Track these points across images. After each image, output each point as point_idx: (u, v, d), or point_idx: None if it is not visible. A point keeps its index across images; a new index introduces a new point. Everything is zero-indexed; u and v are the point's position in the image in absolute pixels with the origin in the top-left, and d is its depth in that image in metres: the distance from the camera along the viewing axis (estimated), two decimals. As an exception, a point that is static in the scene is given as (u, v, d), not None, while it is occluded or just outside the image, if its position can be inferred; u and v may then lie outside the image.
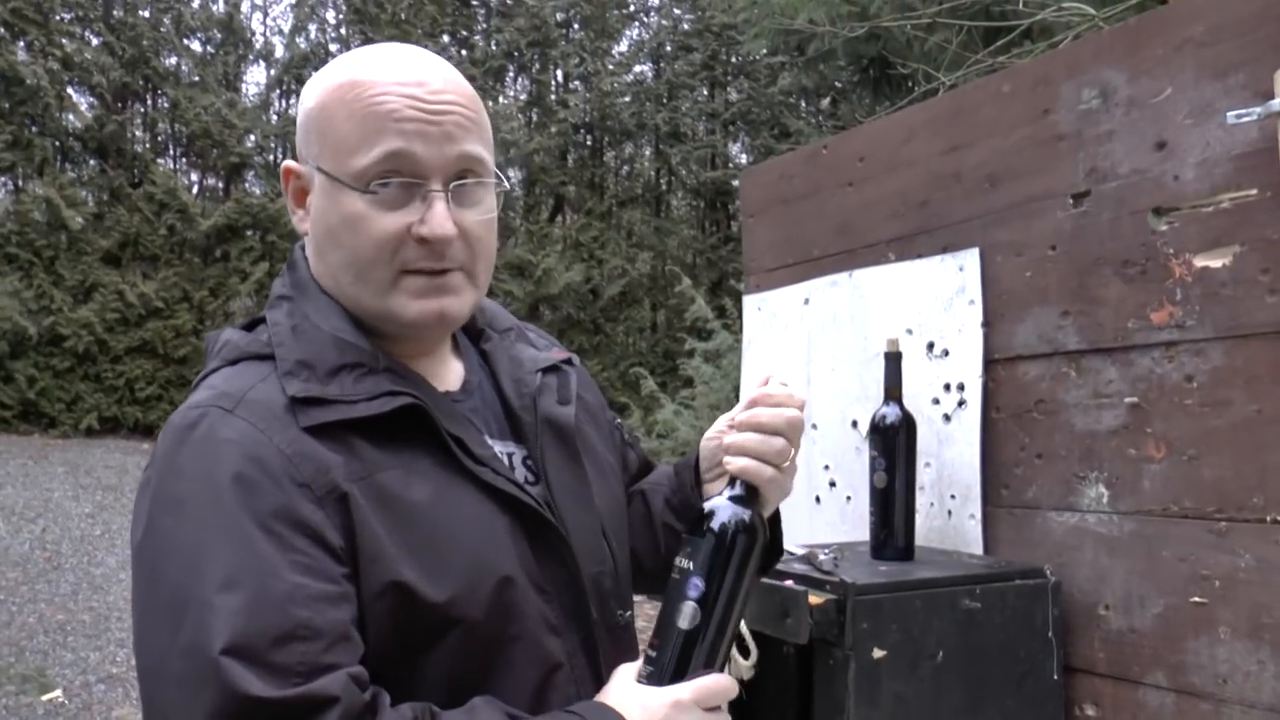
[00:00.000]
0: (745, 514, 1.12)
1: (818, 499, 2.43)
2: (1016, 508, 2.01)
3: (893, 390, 2.01)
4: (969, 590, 1.84)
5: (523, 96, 13.88)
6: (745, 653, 1.89)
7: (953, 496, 2.10)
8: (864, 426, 2.32)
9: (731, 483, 1.16)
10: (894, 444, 1.99)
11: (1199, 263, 1.71)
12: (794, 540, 1.88)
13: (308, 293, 1.14)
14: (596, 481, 1.26)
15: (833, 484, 2.40)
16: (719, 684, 1.09)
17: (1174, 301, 1.75)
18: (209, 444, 1.01)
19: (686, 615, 1.09)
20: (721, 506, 1.12)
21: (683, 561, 1.11)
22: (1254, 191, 1.65)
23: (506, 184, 1.20)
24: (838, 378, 2.39)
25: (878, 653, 1.77)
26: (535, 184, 13.37)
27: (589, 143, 14.13)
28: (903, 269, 2.24)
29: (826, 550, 1.94)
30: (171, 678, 0.94)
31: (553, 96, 13.69)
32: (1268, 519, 1.63)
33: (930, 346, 2.16)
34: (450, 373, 1.22)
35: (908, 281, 2.22)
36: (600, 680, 1.14)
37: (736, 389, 4.49)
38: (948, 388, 2.12)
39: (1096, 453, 1.87)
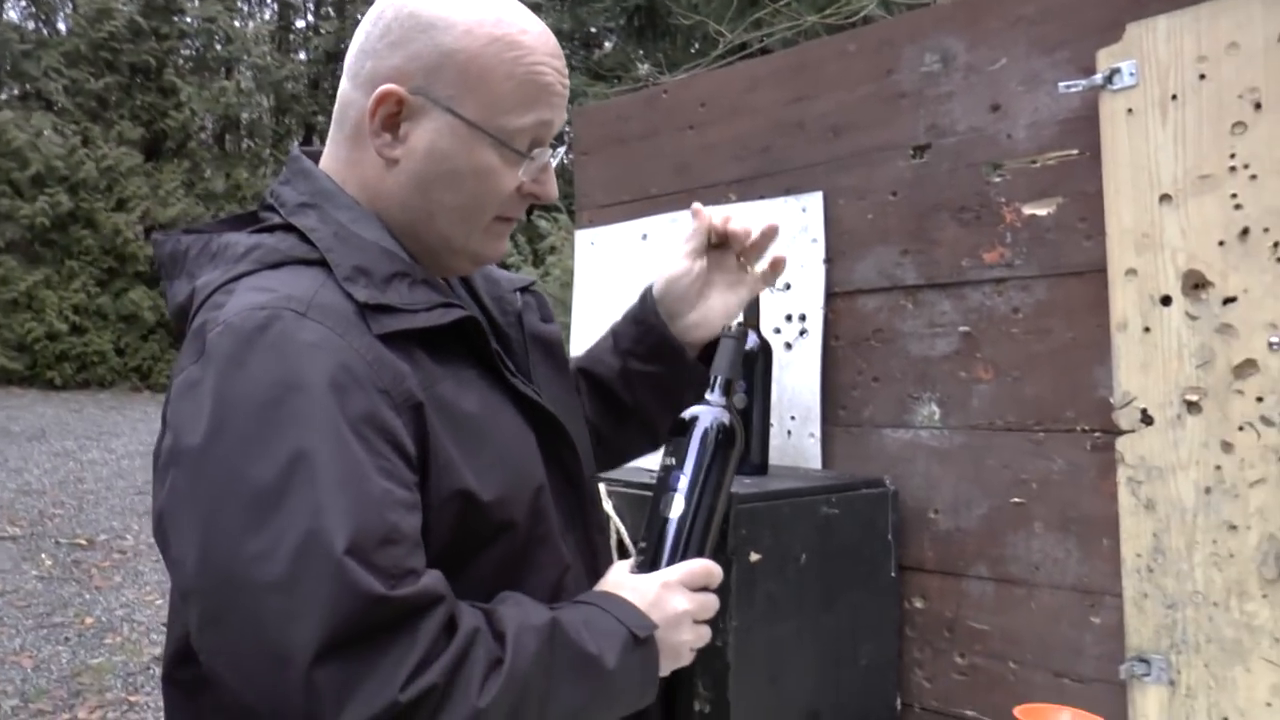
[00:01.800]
0: (726, 416, 1.24)
1: (653, 423, 2.59)
2: (853, 426, 2.26)
3: (751, 319, 2.19)
4: (826, 499, 2.06)
5: (273, 21, 13.13)
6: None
7: (793, 417, 2.32)
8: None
9: (711, 389, 1.28)
10: (753, 368, 2.17)
11: (1027, 211, 1.99)
12: (644, 462, 2.02)
13: (336, 200, 1.16)
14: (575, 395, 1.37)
15: (669, 409, 2.57)
16: (705, 567, 1.20)
17: (1004, 244, 2.02)
18: (289, 346, 1.01)
19: (671, 506, 1.20)
20: (704, 410, 1.25)
21: (668, 460, 1.22)
22: (1075, 151, 1.93)
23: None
24: (678, 309, 2.55)
25: (754, 556, 1.95)
26: (286, 112, 12.71)
27: (340, 74, 13.58)
28: (745, 209, 2.42)
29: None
30: (271, 582, 0.94)
31: (303, 24, 13.04)
32: (1078, 429, 1.93)
33: (772, 281, 2.36)
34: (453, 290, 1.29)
35: (750, 220, 2.41)
36: (596, 577, 1.24)
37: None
38: (789, 318, 2.33)
39: (930, 376, 2.13)
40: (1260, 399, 1.69)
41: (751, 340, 2.19)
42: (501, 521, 1.12)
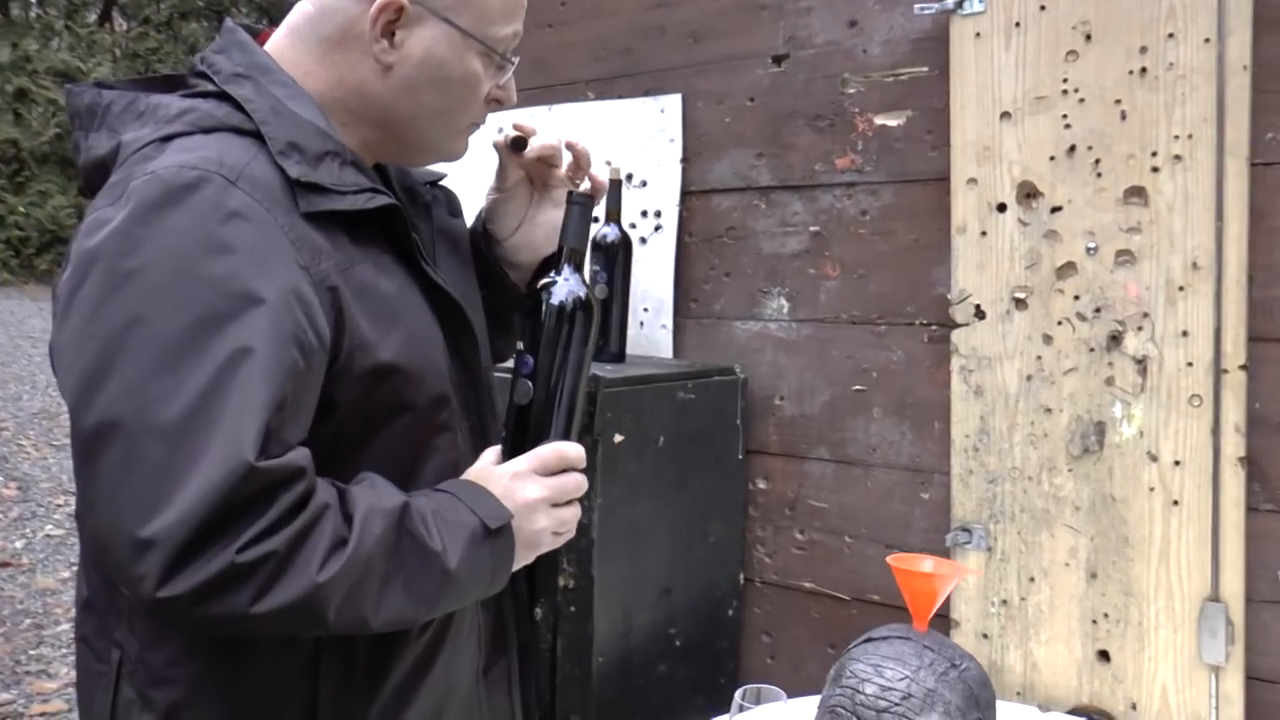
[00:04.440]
0: (579, 289, 1.21)
1: (505, 315, 2.66)
2: (704, 318, 2.39)
3: (613, 212, 2.28)
4: (683, 384, 2.20)
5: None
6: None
7: (646, 309, 2.44)
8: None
9: (559, 263, 1.23)
10: (614, 260, 2.27)
11: (878, 121, 2.15)
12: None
13: (274, 76, 1.18)
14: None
15: (521, 301, 2.64)
16: (556, 451, 1.20)
17: (855, 151, 2.18)
18: (214, 211, 1.03)
19: (520, 391, 1.19)
20: (558, 285, 1.21)
21: (518, 343, 1.22)
22: (925, 69, 2.09)
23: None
24: (533, 204, 2.61)
25: (618, 438, 2.07)
26: None
27: None
28: (604, 106, 2.50)
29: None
30: (159, 427, 0.96)
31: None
32: (916, 323, 2.13)
33: (629, 177, 2.45)
34: None
35: (609, 118, 2.49)
36: None
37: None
38: (645, 214, 2.43)
39: (780, 272, 2.28)
40: (1077, 297, 1.91)
41: (613, 232, 2.28)
42: (405, 401, 1.16)
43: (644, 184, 2.43)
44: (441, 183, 1.44)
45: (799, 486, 2.28)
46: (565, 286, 1.21)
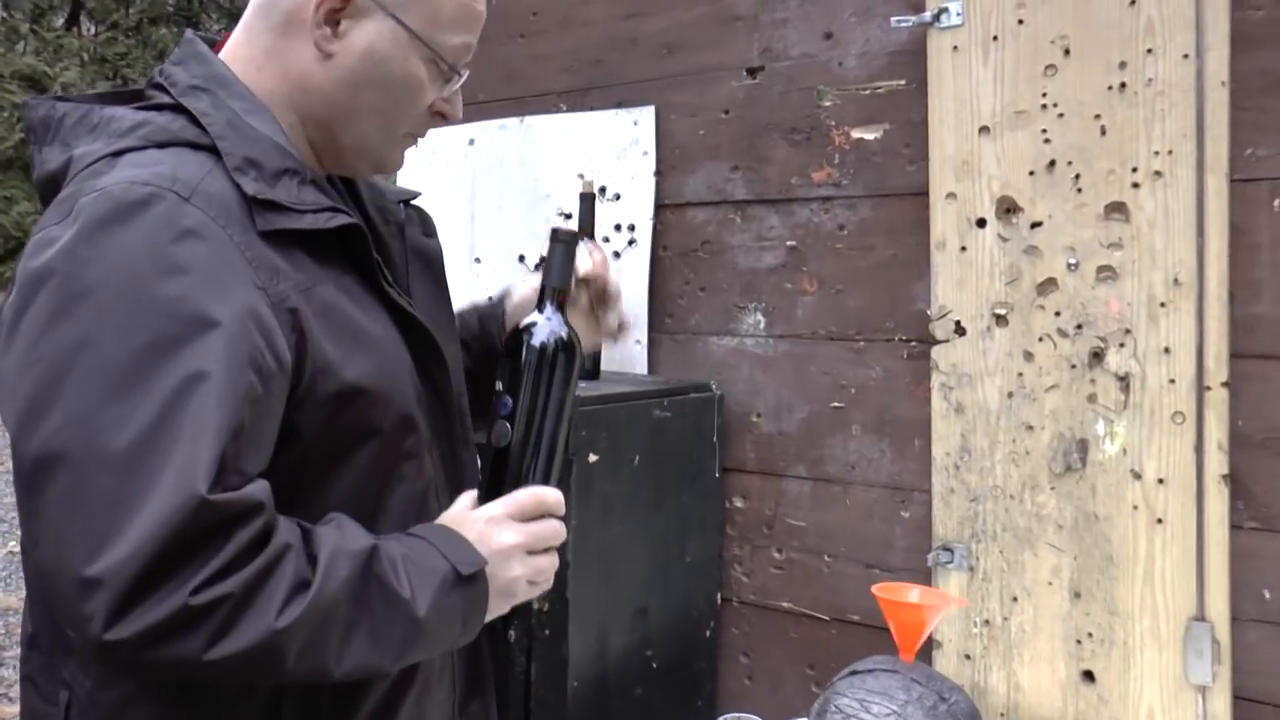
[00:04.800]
0: (561, 329, 1.17)
1: (476, 330, 2.61)
2: (679, 334, 2.36)
3: (586, 228, 2.24)
4: (659, 402, 2.16)
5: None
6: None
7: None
8: (531, 261, 2.53)
9: (541, 303, 1.19)
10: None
11: (855, 134, 2.12)
12: None
13: (232, 89, 1.14)
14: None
15: (493, 316, 2.59)
16: (534, 496, 1.15)
17: (832, 164, 2.15)
18: (166, 229, 0.98)
19: (497, 433, 1.14)
20: (535, 326, 1.17)
21: (498, 383, 1.17)
22: (902, 82, 2.07)
23: None
24: (504, 216, 2.57)
25: (593, 457, 2.03)
26: None
27: None
28: (576, 119, 2.46)
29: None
30: (109, 457, 0.91)
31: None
32: (895, 339, 2.10)
33: (602, 191, 2.41)
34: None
35: (581, 131, 2.45)
36: (458, 491, 1.23)
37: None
38: (618, 228, 2.39)
39: (756, 287, 2.25)
40: (1058, 313, 1.89)
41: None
42: (371, 426, 1.11)
43: (617, 197, 2.40)
44: (415, 202, 1.40)
45: (777, 505, 2.24)
46: (547, 327, 1.17)
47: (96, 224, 0.97)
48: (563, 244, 1.21)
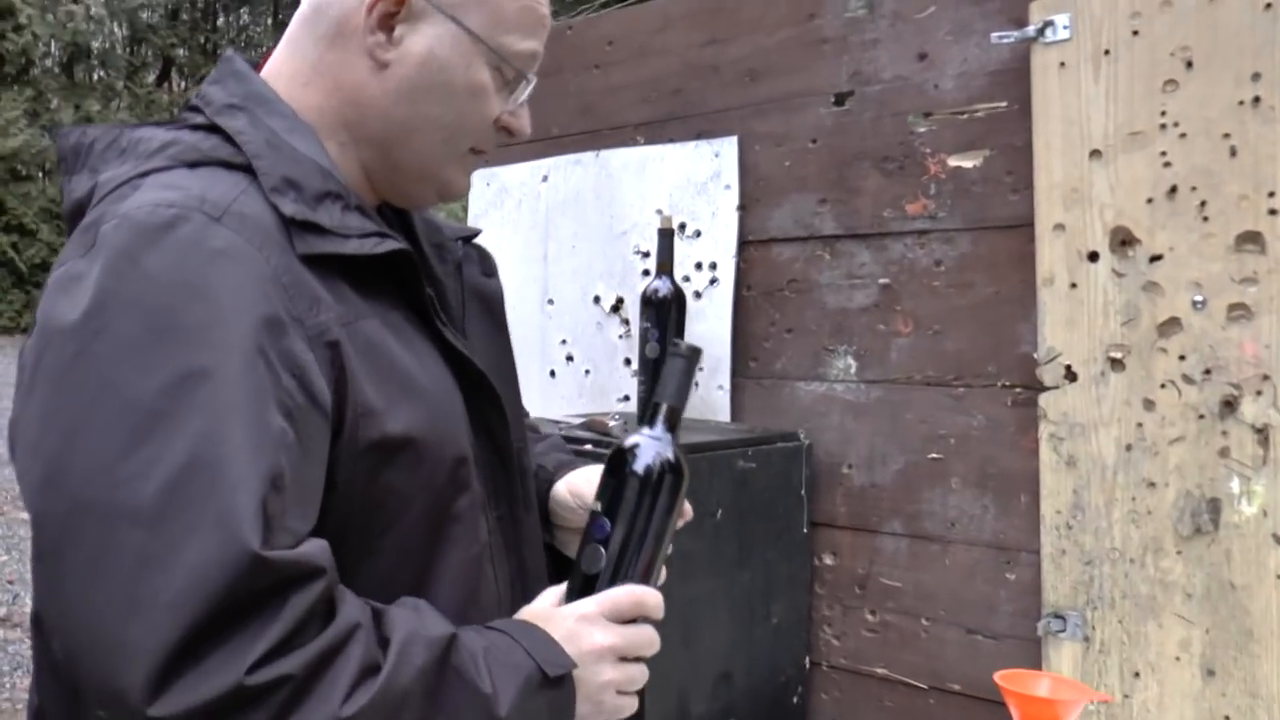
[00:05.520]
0: (669, 451, 1.04)
1: (552, 373, 2.49)
2: (764, 378, 2.21)
3: (664, 265, 2.12)
4: (743, 452, 2.01)
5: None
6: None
7: (701, 369, 2.25)
8: (606, 302, 2.41)
9: (652, 419, 1.07)
10: (666, 316, 2.10)
11: (952, 162, 1.96)
12: (531, 412, 1.92)
13: (271, 107, 1.04)
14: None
15: (570, 358, 2.47)
16: (632, 594, 1.01)
17: (928, 195, 1.98)
18: (195, 252, 0.89)
19: (589, 557, 1.02)
20: (643, 443, 1.04)
21: (595, 503, 1.04)
22: (1004, 104, 1.90)
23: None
24: (578, 254, 2.46)
25: (669, 512, 1.89)
26: (141, 43, 11.91)
27: (201, 4, 12.78)
28: (654, 152, 2.33)
29: (615, 417, 2.03)
30: (132, 510, 0.81)
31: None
32: (999, 384, 1.92)
33: (682, 227, 2.28)
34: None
35: (659, 164, 2.32)
36: (519, 559, 1.12)
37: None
38: (699, 266, 2.26)
39: (846, 328, 2.09)
40: (1183, 357, 1.69)
41: (664, 287, 2.12)
42: (419, 484, 1.00)
43: (698, 234, 2.26)
44: (476, 240, 1.28)
45: (870, 563, 2.07)
46: (654, 447, 1.03)
47: (120, 255, 0.88)
48: (683, 359, 1.08)
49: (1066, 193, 1.79)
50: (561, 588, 1.05)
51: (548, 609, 1.03)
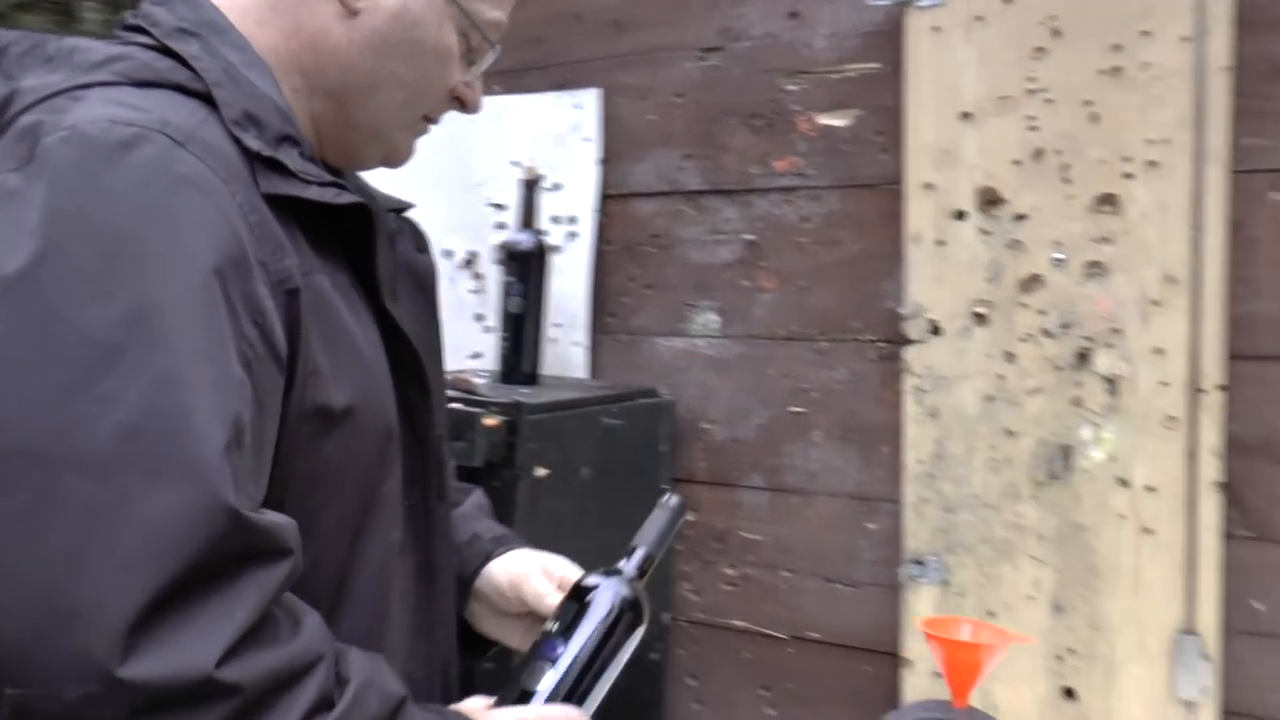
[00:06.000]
0: (633, 594, 1.06)
1: (394, 329, 2.39)
2: (623, 334, 2.19)
3: (527, 218, 2.06)
4: (608, 409, 1.99)
5: None
6: None
7: (558, 325, 2.22)
8: (458, 256, 2.33)
9: (628, 557, 1.10)
10: (529, 270, 2.05)
11: (822, 121, 1.99)
12: None
13: (227, 38, 0.95)
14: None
15: (414, 314, 2.38)
16: (566, 714, 0.98)
17: (796, 152, 2.01)
18: (159, 176, 0.80)
19: (541, 677, 1.00)
20: (611, 582, 1.06)
21: (551, 624, 1.03)
22: (876, 65, 1.95)
23: None
24: (429, 206, 2.34)
25: (540, 471, 1.84)
26: None
27: None
28: (511, 102, 2.27)
29: (481, 375, 1.96)
30: (83, 456, 0.72)
31: None
32: (863, 339, 1.97)
33: (541, 180, 2.22)
34: None
35: (517, 115, 2.27)
36: (426, 551, 1.07)
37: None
38: (557, 220, 2.21)
39: (709, 284, 2.10)
40: (1043, 312, 1.79)
41: (527, 240, 2.06)
42: (356, 461, 0.94)
43: (557, 187, 2.22)
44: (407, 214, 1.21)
45: (730, 518, 2.09)
46: (620, 587, 1.05)
47: (70, 171, 0.78)
48: (670, 512, 1.15)
49: (936, 153, 1.85)
50: (489, 699, 1.00)
51: (482, 709, 0.98)
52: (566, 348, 2.23)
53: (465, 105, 1.06)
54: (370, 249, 0.96)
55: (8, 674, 0.70)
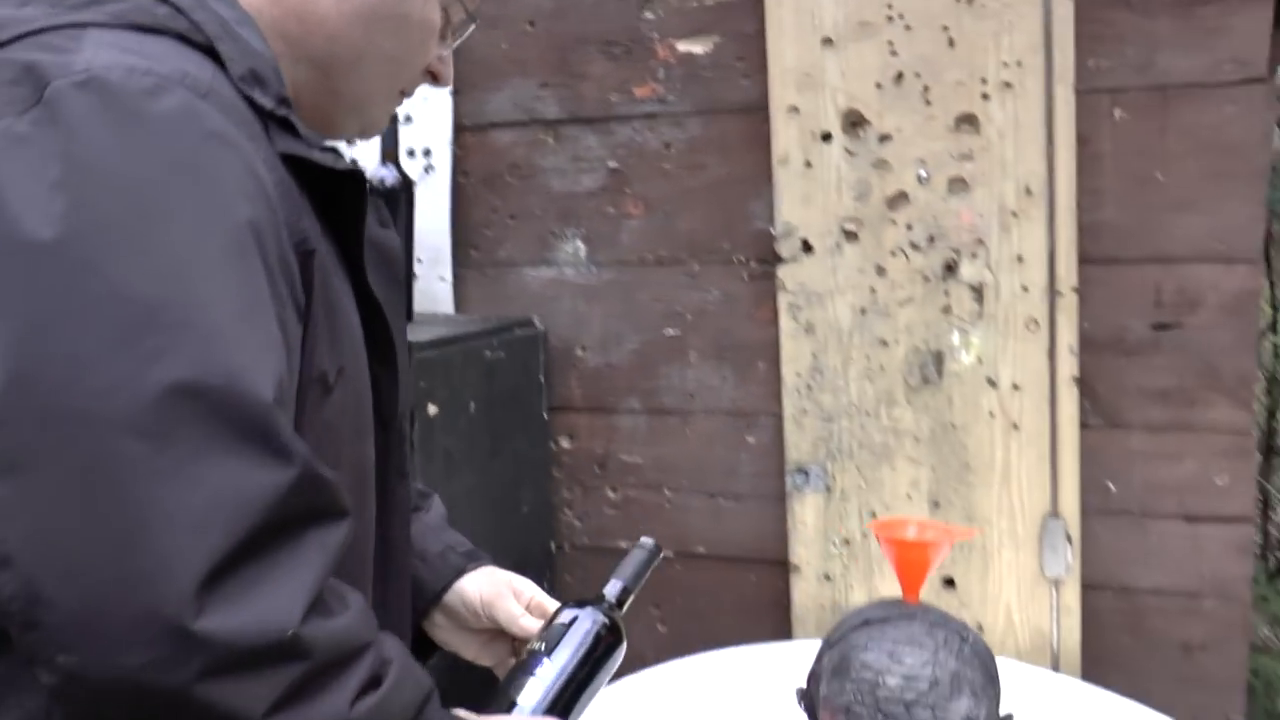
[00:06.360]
0: (610, 619, 1.13)
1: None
2: (488, 267, 2.16)
3: (389, 152, 1.99)
4: (489, 342, 1.97)
5: None
6: None
7: (420, 260, 2.16)
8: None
9: (607, 587, 1.18)
10: (396, 206, 1.98)
11: (681, 48, 2.00)
12: None
13: None
14: None
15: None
16: None
17: (657, 80, 2.02)
18: (190, 130, 0.77)
19: (524, 691, 1.05)
20: (591, 611, 1.13)
21: (536, 644, 1.09)
22: (732, -10, 1.97)
23: None
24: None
25: (432, 409, 1.82)
26: None
27: None
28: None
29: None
30: (127, 417, 0.69)
31: None
32: (734, 260, 2.02)
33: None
34: None
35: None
36: (384, 529, 1.06)
37: None
38: (411, 153, 2.15)
39: (574, 212, 2.09)
40: (910, 227, 1.88)
41: (391, 175, 1.99)
42: (348, 430, 0.94)
43: (408, 120, 2.14)
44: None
45: (609, 442, 2.12)
46: (599, 615, 1.12)
47: (93, 120, 0.73)
48: (647, 553, 1.23)
49: (799, 77, 1.90)
50: (475, 714, 1.03)
51: (471, 716, 1.00)
52: (431, 283, 2.18)
53: (438, 79, 1.05)
54: (360, 219, 0.94)
55: (59, 642, 0.68)
